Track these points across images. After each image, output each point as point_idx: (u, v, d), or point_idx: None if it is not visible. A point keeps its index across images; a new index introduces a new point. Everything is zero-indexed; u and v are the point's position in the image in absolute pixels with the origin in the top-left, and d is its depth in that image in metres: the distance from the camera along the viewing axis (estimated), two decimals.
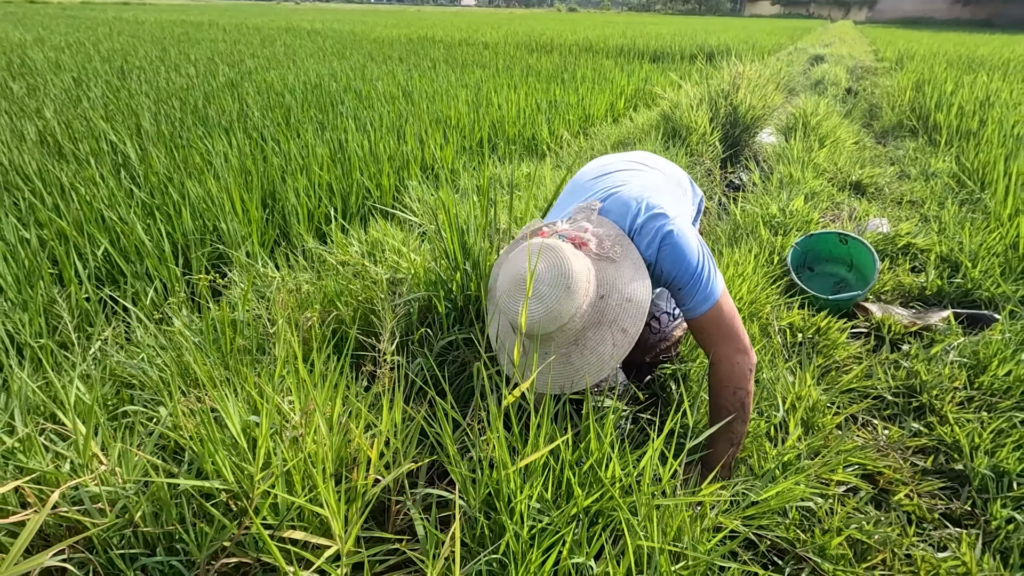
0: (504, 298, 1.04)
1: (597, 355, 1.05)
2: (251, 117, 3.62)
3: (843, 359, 1.76)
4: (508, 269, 1.06)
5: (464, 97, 4.59)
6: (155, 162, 2.55)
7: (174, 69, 5.80)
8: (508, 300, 1.04)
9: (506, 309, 1.04)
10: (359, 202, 2.67)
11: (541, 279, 1.01)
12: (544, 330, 1.02)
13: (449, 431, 1.07)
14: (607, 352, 1.05)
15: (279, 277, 1.65)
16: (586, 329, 1.05)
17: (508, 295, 1.04)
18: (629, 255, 1.11)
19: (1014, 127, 3.80)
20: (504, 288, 1.05)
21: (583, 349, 1.05)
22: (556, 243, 1.05)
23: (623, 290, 1.07)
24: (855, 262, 2.19)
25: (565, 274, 1.01)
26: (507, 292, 1.04)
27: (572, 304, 1.01)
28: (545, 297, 1.01)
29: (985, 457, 1.37)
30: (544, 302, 1.01)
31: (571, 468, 1.02)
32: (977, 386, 1.64)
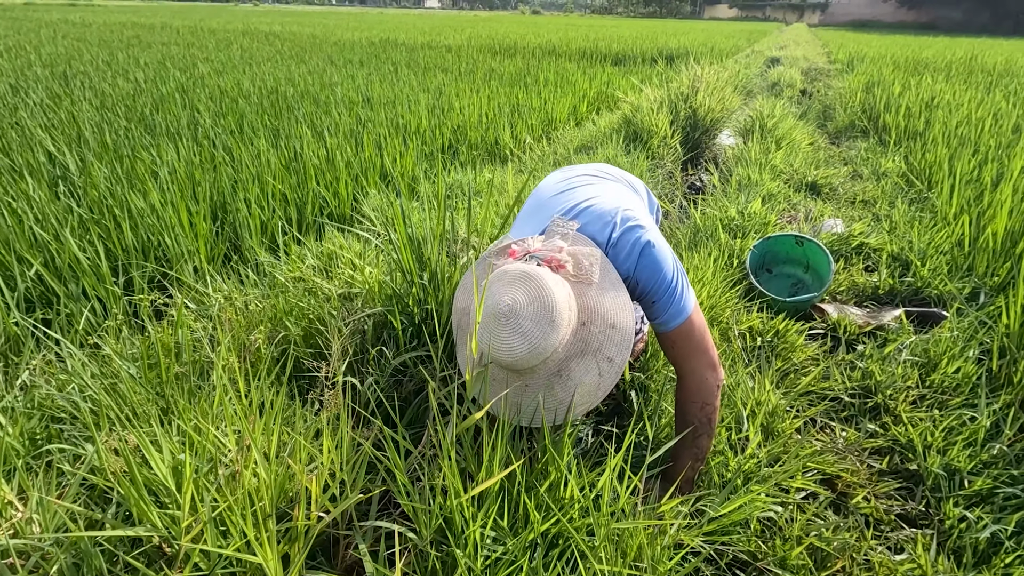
0: (481, 332, 0.98)
1: (584, 386, 1.01)
2: (202, 124, 3.48)
3: (801, 361, 1.78)
4: (486, 300, 0.99)
5: (425, 102, 4.53)
6: (96, 174, 2.42)
7: (122, 74, 5.57)
8: (485, 334, 0.98)
9: (482, 343, 0.98)
10: (315, 212, 2.59)
11: (523, 314, 0.95)
12: (527, 365, 0.97)
13: (399, 460, 1.02)
14: (592, 382, 1.01)
15: (221, 297, 1.58)
16: (569, 359, 1.01)
17: (486, 329, 0.98)
18: (608, 275, 1.07)
19: (957, 128, 3.95)
20: (483, 323, 0.98)
21: (567, 380, 1.01)
22: (535, 270, 0.99)
23: (605, 316, 1.03)
24: (811, 263, 2.23)
25: (548, 307, 0.96)
26: (484, 326, 0.98)
27: (556, 337, 0.96)
28: (529, 333, 0.95)
29: (937, 456, 1.39)
30: (528, 338, 0.95)
31: (528, 491, 0.99)
32: (929, 384, 1.67)
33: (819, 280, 2.18)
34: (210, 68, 6.22)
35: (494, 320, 0.96)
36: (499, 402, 1.02)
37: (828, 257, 2.10)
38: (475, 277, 1.04)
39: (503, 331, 0.95)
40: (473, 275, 1.06)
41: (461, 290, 1.18)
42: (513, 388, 1.02)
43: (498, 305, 0.96)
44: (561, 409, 1.01)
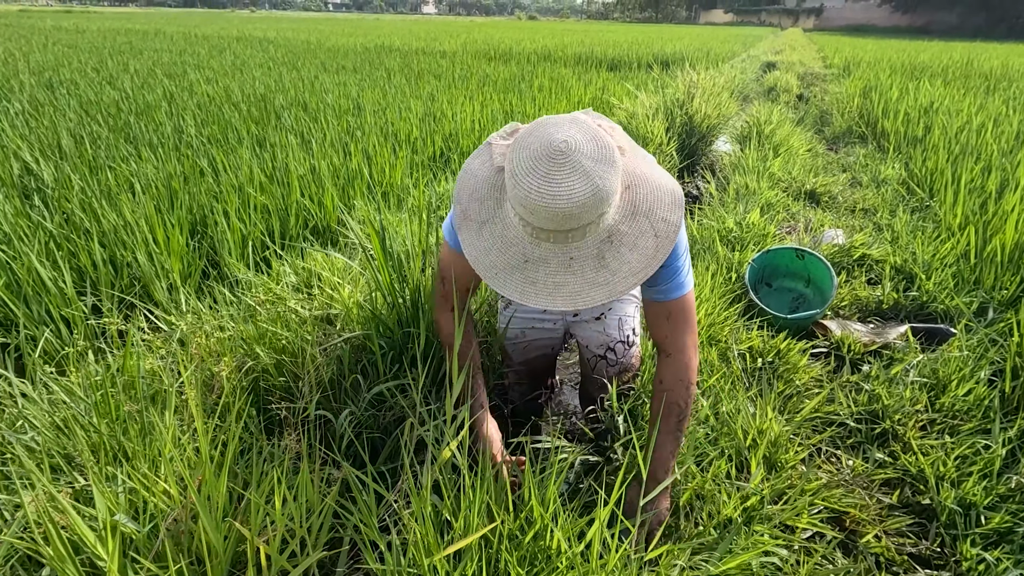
0: (525, 182, 0.79)
1: (638, 251, 0.86)
2: (186, 133, 3.40)
3: (804, 383, 1.69)
4: (531, 144, 0.81)
5: (417, 109, 4.45)
6: (72, 186, 2.33)
7: (108, 82, 5.48)
8: (532, 182, 0.79)
9: (535, 194, 0.79)
10: (299, 225, 2.51)
11: (582, 151, 0.79)
12: (585, 219, 0.80)
13: (370, 506, 0.93)
14: (650, 245, 0.86)
15: (184, 324, 1.48)
16: (620, 223, 0.87)
17: (532, 175, 0.79)
18: (637, 150, 0.96)
19: (957, 134, 3.89)
20: (527, 169, 0.80)
21: (620, 246, 0.86)
22: (580, 115, 0.86)
23: (649, 179, 0.91)
24: (812, 277, 2.15)
25: (607, 146, 0.81)
26: (531, 172, 0.79)
27: (616, 181, 0.82)
28: (591, 172, 0.78)
29: (951, 489, 1.31)
30: (590, 178, 0.78)
31: (508, 545, 0.90)
32: (938, 408, 1.59)
33: (821, 295, 2.09)
34: (200, 75, 6.14)
35: (547, 160, 0.79)
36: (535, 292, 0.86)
37: (830, 271, 2.01)
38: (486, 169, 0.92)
39: (559, 172, 0.78)
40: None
41: (472, 166, 0.97)
42: (556, 264, 0.86)
43: (552, 142, 0.79)
44: (616, 281, 0.85)
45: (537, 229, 0.84)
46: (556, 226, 0.81)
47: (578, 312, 1.49)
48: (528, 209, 0.81)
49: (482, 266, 0.90)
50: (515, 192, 0.81)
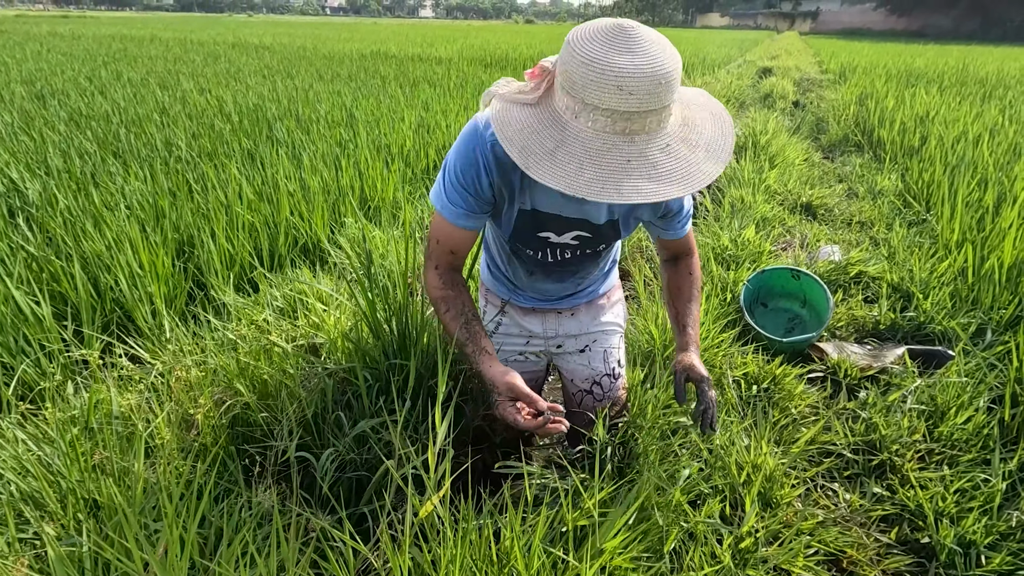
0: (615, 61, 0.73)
1: (707, 127, 0.85)
2: (176, 147, 3.36)
3: (800, 410, 1.66)
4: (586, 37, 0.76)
5: (411, 120, 4.42)
6: (55, 204, 2.29)
7: (101, 92, 5.44)
8: (621, 59, 0.73)
9: (608, 68, 0.73)
10: (288, 244, 2.47)
11: (647, 32, 0.76)
12: (660, 100, 0.75)
13: (346, 561, 0.90)
14: (716, 132, 0.85)
15: (160, 363, 1.45)
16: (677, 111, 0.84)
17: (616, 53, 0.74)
18: None
19: (953, 145, 3.87)
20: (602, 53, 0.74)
21: (690, 131, 0.83)
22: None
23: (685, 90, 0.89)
24: (808, 298, 2.11)
25: (665, 38, 0.79)
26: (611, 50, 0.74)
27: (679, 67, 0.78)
28: (664, 47, 0.76)
29: (951, 527, 1.27)
30: (665, 50, 0.75)
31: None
32: (936, 437, 1.56)
33: (816, 316, 2.06)
34: (193, 84, 6.11)
35: (619, 37, 0.75)
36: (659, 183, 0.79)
37: (826, 293, 1.98)
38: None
39: (641, 43, 0.74)
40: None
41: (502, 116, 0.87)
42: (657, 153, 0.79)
43: (616, 21, 0.77)
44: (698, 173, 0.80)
45: (627, 118, 0.76)
46: (648, 103, 0.75)
47: (562, 344, 1.46)
48: (622, 91, 0.74)
49: (583, 186, 0.78)
50: (601, 79, 0.74)
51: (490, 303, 1.48)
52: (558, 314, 1.42)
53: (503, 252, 1.31)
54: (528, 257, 1.25)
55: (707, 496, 1.31)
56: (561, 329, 1.44)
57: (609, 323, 1.45)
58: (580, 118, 0.79)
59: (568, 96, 0.79)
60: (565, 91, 0.80)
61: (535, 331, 1.43)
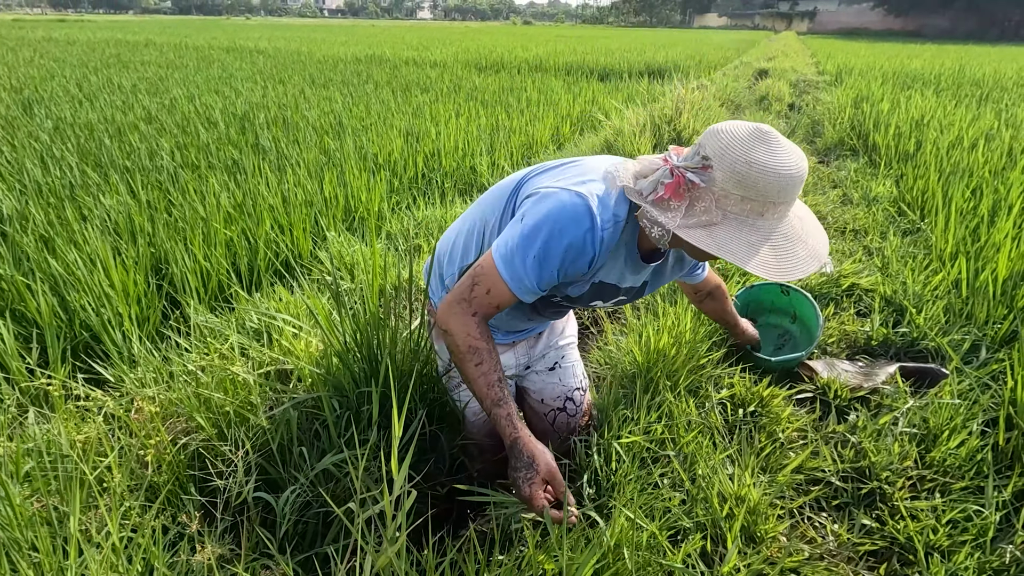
0: (778, 160, 0.87)
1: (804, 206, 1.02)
2: (160, 158, 3.31)
3: (788, 436, 1.60)
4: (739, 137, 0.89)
5: (400, 126, 4.37)
6: (27, 219, 2.24)
7: (89, 100, 5.39)
8: (780, 159, 0.87)
9: (781, 166, 0.87)
10: (268, 259, 2.41)
11: (775, 132, 0.90)
12: (805, 178, 0.92)
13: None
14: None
15: (130, 381, 1.39)
16: None
17: (773, 156, 0.87)
18: None
19: (948, 151, 3.82)
20: (762, 158, 0.86)
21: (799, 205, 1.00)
22: None
23: None
24: (799, 314, 2.06)
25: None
26: (769, 155, 0.87)
27: None
28: (795, 146, 0.92)
29: (942, 563, 1.22)
30: (798, 149, 0.91)
31: None
32: (928, 463, 1.50)
33: (807, 332, 2.01)
34: (183, 91, 6.06)
35: (768, 138, 0.88)
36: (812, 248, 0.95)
37: (816, 310, 1.93)
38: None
39: (782, 145, 0.88)
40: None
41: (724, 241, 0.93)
42: (798, 225, 0.95)
43: (755, 128, 0.89)
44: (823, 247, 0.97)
45: (783, 205, 0.90)
46: (791, 195, 0.90)
47: (530, 365, 1.44)
48: (783, 188, 0.88)
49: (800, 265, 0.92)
50: (785, 181, 0.87)
51: None
52: (527, 341, 1.41)
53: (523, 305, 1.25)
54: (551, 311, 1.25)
55: (688, 531, 1.26)
56: (530, 353, 1.43)
57: (569, 335, 1.50)
58: (766, 215, 0.90)
59: (746, 201, 0.89)
60: (742, 198, 0.89)
61: (508, 364, 1.40)
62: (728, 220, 0.91)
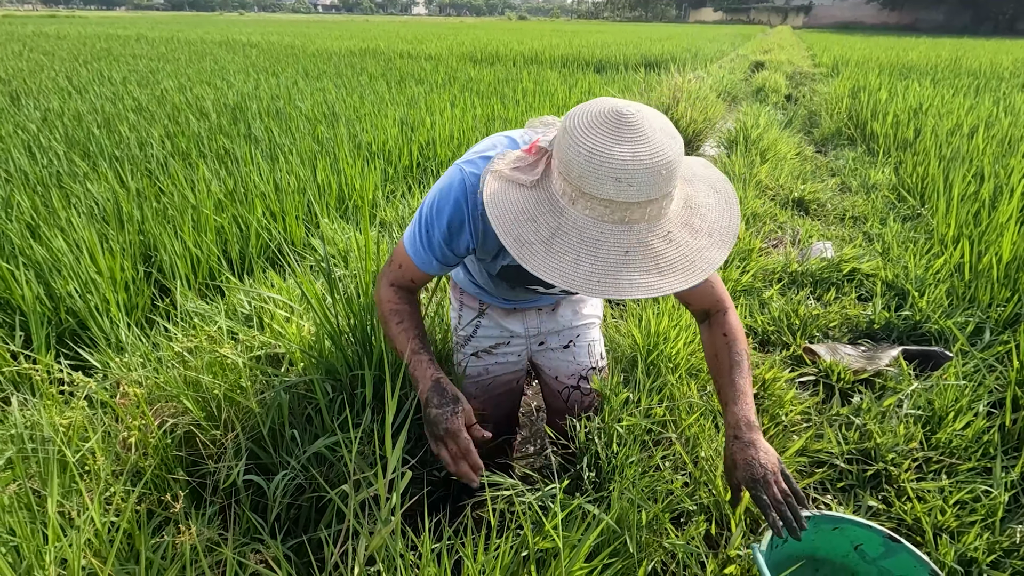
0: (613, 151, 0.68)
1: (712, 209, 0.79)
2: (151, 147, 3.25)
3: (791, 418, 1.57)
4: (582, 123, 0.71)
5: (395, 117, 4.31)
6: (11, 205, 2.19)
7: (79, 91, 5.31)
8: (619, 149, 0.68)
9: (622, 165, 0.68)
10: (260, 245, 2.37)
11: (648, 116, 0.71)
12: (674, 177, 0.71)
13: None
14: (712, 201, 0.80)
15: (116, 366, 1.35)
16: (682, 189, 0.79)
17: (614, 142, 0.69)
18: None
19: (948, 137, 3.80)
20: (599, 141, 0.69)
21: (697, 207, 0.78)
22: None
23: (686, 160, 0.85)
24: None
25: (667, 121, 0.75)
26: (610, 141, 0.69)
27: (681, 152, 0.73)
28: (667, 128, 0.72)
29: (951, 544, 1.19)
30: (668, 133, 0.71)
31: None
32: (934, 444, 1.47)
33: None
34: (174, 83, 5.98)
35: (623, 126, 0.69)
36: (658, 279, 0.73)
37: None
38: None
39: (640, 131, 0.69)
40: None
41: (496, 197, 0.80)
42: (658, 243, 0.74)
43: (614, 108, 0.71)
44: (714, 240, 0.76)
45: (627, 208, 0.71)
46: (649, 193, 0.70)
47: (544, 341, 1.40)
48: (621, 182, 0.69)
49: (579, 281, 0.73)
50: (600, 171, 0.69)
51: (466, 305, 1.41)
52: (539, 311, 1.38)
53: (482, 272, 1.23)
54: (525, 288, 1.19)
55: (691, 513, 1.23)
56: (543, 327, 1.39)
57: (589, 315, 1.43)
58: (577, 204, 0.73)
59: (565, 181, 0.74)
60: (562, 176, 0.74)
61: (516, 331, 1.37)
62: (538, 189, 0.78)
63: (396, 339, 1.04)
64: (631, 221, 0.72)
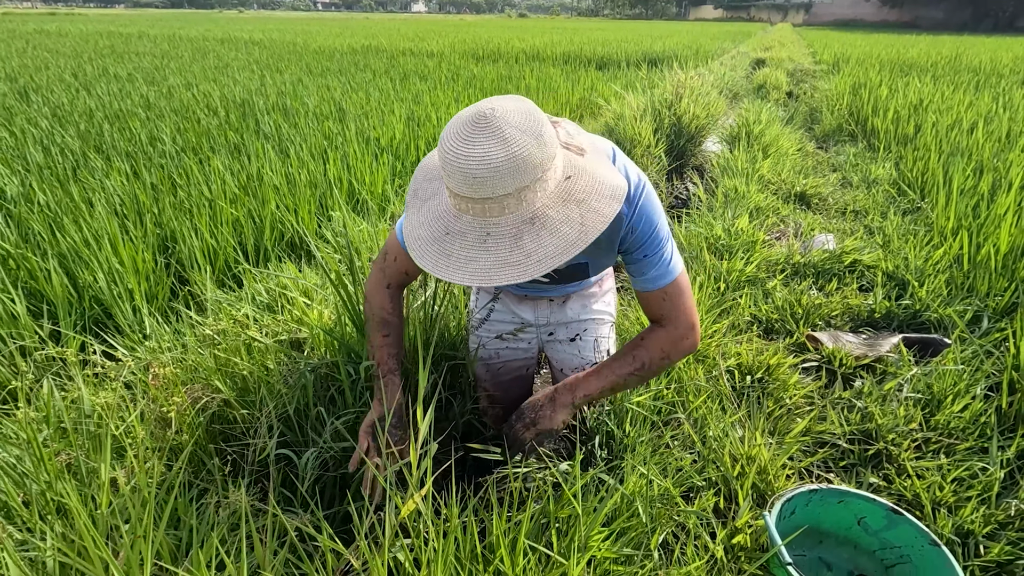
0: (453, 138, 0.75)
1: (558, 236, 0.80)
2: (159, 141, 3.30)
3: (795, 402, 1.63)
4: (463, 113, 0.78)
5: (400, 113, 4.36)
6: (33, 200, 2.24)
7: (85, 88, 5.36)
8: (455, 144, 0.75)
9: (452, 154, 0.75)
10: (274, 238, 2.42)
11: (507, 119, 0.75)
12: (501, 188, 0.75)
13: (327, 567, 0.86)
14: (571, 234, 0.80)
15: (144, 351, 1.40)
16: (547, 207, 0.81)
17: (456, 138, 0.75)
18: (599, 155, 0.92)
19: (948, 132, 3.84)
20: (452, 130, 0.76)
21: (540, 229, 0.80)
22: (527, 100, 0.82)
23: (594, 174, 0.86)
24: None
25: (538, 120, 0.77)
26: (455, 135, 0.75)
27: (539, 156, 0.77)
28: (511, 140, 0.74)
29: (948, 517, 1.25)
30: (509, 145, 0.74)
31: None
32: (933, 426, 1.53)
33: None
34: (180, 80, 6.02)
35: (471, 123, 0.75)
36: (447, 264, 0.81)
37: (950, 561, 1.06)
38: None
39: (479, 135, 0.74)
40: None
41: (430, 154, 0.95)
42: (473, 238, 0.81)
43: (478, 109, 0.76)
44: (526, 264, 0.80)
45: (458, 198, 0.79)
46: (471, 192, 0.77)
47: (553, 332, 1.44)
48: (447, 172, 0.77)
49: (412, 238, 0.86)
50: (439, 155, 0.78)
51: (482, 289, 1.46)
52: (550, 302, 1.42)
53: None
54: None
55: (700, 488, 1.28)
56: (553, 317, 1.43)
57: (600, 312, 1.44)
58: (437, 199, 0.85)
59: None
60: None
61: (527, 319, 1.42)
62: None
63: (376, 349, 1.12)
64: (461, 210, 0.81)
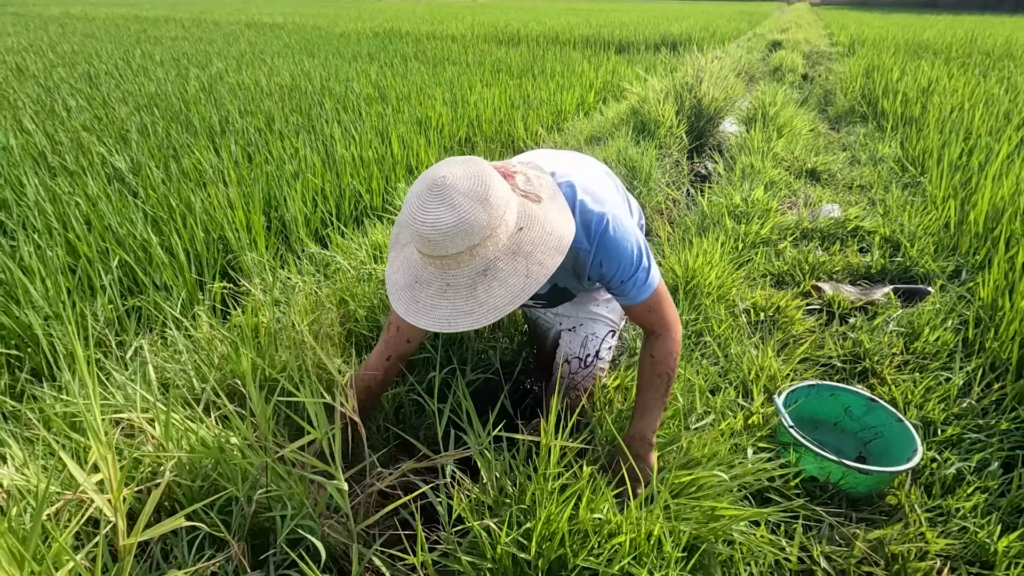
0: (412, 203, 0.89)
1: (507, 288, 0.93)
2: (234, 123, 3.69)
3: (799, 333, 2.01)
4: (423, 176, 0.92)
5: (440, 96, 4.72)
6: (153, 174, 2.65)
7: (142, 73, 5.76)
8: (414, 206, 0.89)
9: (411, 218, 0.89)
10: (351, 206, 2.82)
11: (456, 187, 0.87)
12: (453, 247, 0.89)
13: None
14: (518, 285, 0.94)
15: (299, 282, 1.81)
16: (498, 259, 0.93)
17: (416, 201, 0.89)
18: (556, 199, 1.05)
19: (951, 113, 4.13)
20: (412, 194, 0.90)
21: (491, 280, 0.93)
22: (480, 161, 0.95)
23: (544, 224, 0.98)
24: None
25: (484, 184, 0.89)
26: (415, 199, 0.89)
27: (486, 218, 0.89)
28: (458, 206, 0.87)
29: (916, 410, 1.63)
30: (456, 211, 0.87)
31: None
32: (912, 351, 1.90)
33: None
34: (226, 65, 6.40)
35: (426, 191, 0.88)
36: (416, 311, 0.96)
37: (911, 432, 1.43)
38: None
39: (432, 202, 0.87)
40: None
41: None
42: (436, 288, 0.95)
43: (433, 176, 0.89)
44: (479, 312, 0.93)
45: (421, 253, 0.93)
46: (428, 251, 0.90)
47: (563, 319, 1.54)
48: (408, 233, 0.93)
49: (390, 282, 1.02)
50: (410, 227, 0.90)
51: None
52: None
53: None
54: None
55: (722, 388, 1.67)
56: (561, 308, 1.55)
57: (601, 315, 1.50)
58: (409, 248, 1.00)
59: None
60: None
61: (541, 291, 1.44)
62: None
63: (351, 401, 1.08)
64: (425, 263, 0.95)
